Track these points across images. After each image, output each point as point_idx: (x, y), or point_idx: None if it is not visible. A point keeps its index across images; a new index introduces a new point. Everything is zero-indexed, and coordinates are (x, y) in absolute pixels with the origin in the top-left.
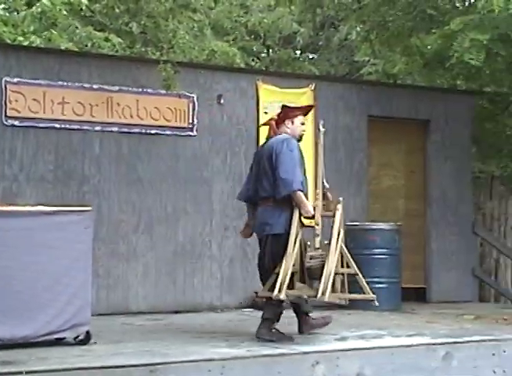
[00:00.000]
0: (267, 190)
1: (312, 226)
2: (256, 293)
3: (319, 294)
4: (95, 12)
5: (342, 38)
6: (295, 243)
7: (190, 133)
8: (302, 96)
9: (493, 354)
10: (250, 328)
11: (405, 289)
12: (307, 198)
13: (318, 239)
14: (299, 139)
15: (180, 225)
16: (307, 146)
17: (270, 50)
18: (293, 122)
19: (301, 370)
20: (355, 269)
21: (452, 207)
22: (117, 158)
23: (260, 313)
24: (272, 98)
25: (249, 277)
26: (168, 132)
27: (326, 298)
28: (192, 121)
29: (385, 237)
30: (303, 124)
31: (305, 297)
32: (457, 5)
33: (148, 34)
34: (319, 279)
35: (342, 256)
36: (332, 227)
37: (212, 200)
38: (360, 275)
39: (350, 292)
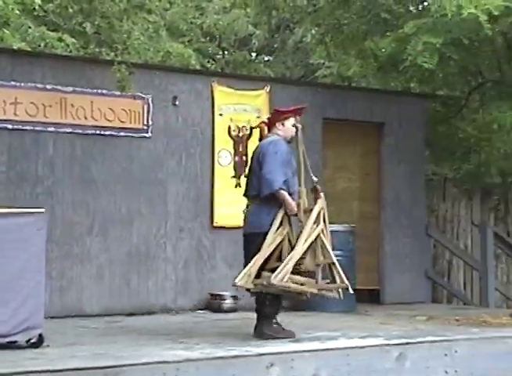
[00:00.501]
0: (255, 189)
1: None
2: (212, 294)
3: (272, 277)
4: (49, 11)
5: (297, 41)
6: (278, 238)
7: (145, 134)
8: (257, 98)
9: (445, 354)
10: (205, 330)
11: (359, 291)
12: (296, 197)
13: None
14: (290, 141)
15: (134, 227)
16: None
17: (225, 52)
18: (283, 124)
19: (256, 371)
20: (331, 258)
21: (406, 209)
22: (70, 159)
23: (213, 315)
24: (227, 100)
25: (204, 279)
26: (123, 134)
27: (276, 281)
28: (147, 122)
29: (339, 239)
30: (294, 125)
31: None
32: (411, 8)
33: (102, 34)
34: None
35: (322, 247)
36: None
37: (167, 202)
38: (337, 263)
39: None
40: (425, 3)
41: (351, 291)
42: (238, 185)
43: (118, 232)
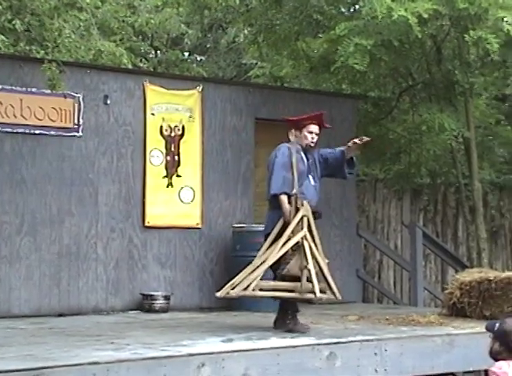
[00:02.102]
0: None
1: None
2: (143, 294)
3: (231, 290)
4: None
5: (230, 41)
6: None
7: (76, 134)
8: (190, 98)
9: (375, 353)
10: (137, 330)
11: None
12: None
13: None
14: (306, 148)
15: (65, 227)
16: (193, 147)
17: (158, 51)
18: (300, 131)
19: (187, 372)
20: (311, 265)
21: (337, 209)
22: None
23: (144, 316)
24: (159, 99)
25: (135, 279)
26: (53, 133)
27: (234, 293)
28: (78, 121)
29: None
30: (311, 133)
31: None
32: (342, 10)
33: (32, 32)
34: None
35: (305, 253)
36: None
37: (98, 202)
38: (313, 271)
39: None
40: (357, 5)
41: (338, 297)
42: (170, 184)
43: (48, 232)
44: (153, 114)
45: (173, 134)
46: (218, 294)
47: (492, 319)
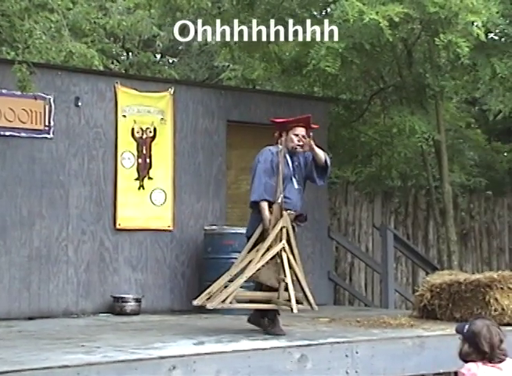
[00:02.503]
0: None
1: None
2: (114, 297)
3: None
4: None
5: (202, 43)
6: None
7: (46, 136)
8: (161, 100)
9: (346, 355)
10: (107, 333)
11: None
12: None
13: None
14: (291, 151)
15: (35, 230)
16: (165, 149)
17: (129, 53)
18: (287, 133)
19: (158, 375)
20: (288, 276)
21: (309, 212)
22: None
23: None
24: (130, 101)
25: (106, 282)
26: (24, 134)
27: (210, 306)
28: (49, 123)
29: (243, 242)
30: (297, 135)
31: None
32: (314, 13)
33: (3, 33)
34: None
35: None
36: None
37: (69, 204)
38: (290, 283)
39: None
40: (328, 9)
41: (315, 308)
42: (141, 187)
43: (19, 234)
44: (124, 116)
45: (144, 136)
46: (195, 303)
47: (461, 321)
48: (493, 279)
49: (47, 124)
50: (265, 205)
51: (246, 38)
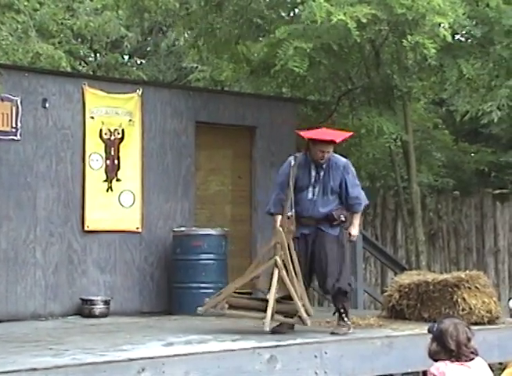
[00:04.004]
0: None
1: None
2: (83, 299)
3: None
4: None
5: (170, 44)
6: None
7: (14, 137)
8: (129, 101)
9: (315, 356)
10: (76, 336)
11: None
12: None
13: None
14: (317, 162)
15: (2, 232)
16: (133, 151)
17: (97, 54)
18: (313, 145)
19: None
20: (270, 293)
21: None
22: None
23: (84, 321)
24: (98, 103)
25: (75, 284)
26: None
27: (200, 311)
28: (16, 124)
29: (212, 242)
30: (323, 152)
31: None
32: (283, 14)
33: None
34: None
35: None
36: None
37: (36, 206)
38: (271, 300)
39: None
40: (296, 9)
41: (307, 324)
42: (110, 188)
43: None
44: (92, 118)
45: (113, 137)
46: (199, 310)
47: (430, 321)
48: (461, 279)
49: (14, 125)
50: (276, 218)
51: (214, 39)
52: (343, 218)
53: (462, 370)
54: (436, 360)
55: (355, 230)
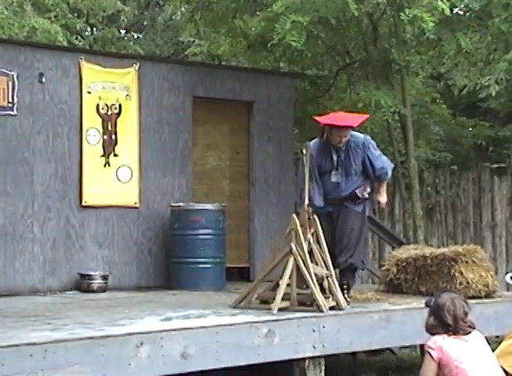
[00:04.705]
0: None
1: None
2: (81, 274)
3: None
4: None
5: (167, 18)
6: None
7: (10, 112)
8: (126, 76)
9: (313, 330)
10: (74, 311)
11: (230, 269)
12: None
13: None
14: (336, 146)
15: (0, 207)
16: (130, 126)
17: (94, 28)
18: (331, 129)
19: (125, 351)
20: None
21: (275, 187)
22: None
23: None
24: (95, 77)
25: (73, 259)
26: None
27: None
28: (12, 99)
29: (210, 218)
30: (340, 136)
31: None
32: None
33: None
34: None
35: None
36: None
37: (34, 182)
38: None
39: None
40: None
41: (324, 311)
42: (107, 164)
43: None
44: (89, 93)
45: (110, 112)
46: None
47: (427, 295)
48: (458, 253)
49: (10, 100)
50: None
51: (211, 14)
52: (366, 195)
53: (459, 344)
54: (433, 334)
55: (383, 198)
